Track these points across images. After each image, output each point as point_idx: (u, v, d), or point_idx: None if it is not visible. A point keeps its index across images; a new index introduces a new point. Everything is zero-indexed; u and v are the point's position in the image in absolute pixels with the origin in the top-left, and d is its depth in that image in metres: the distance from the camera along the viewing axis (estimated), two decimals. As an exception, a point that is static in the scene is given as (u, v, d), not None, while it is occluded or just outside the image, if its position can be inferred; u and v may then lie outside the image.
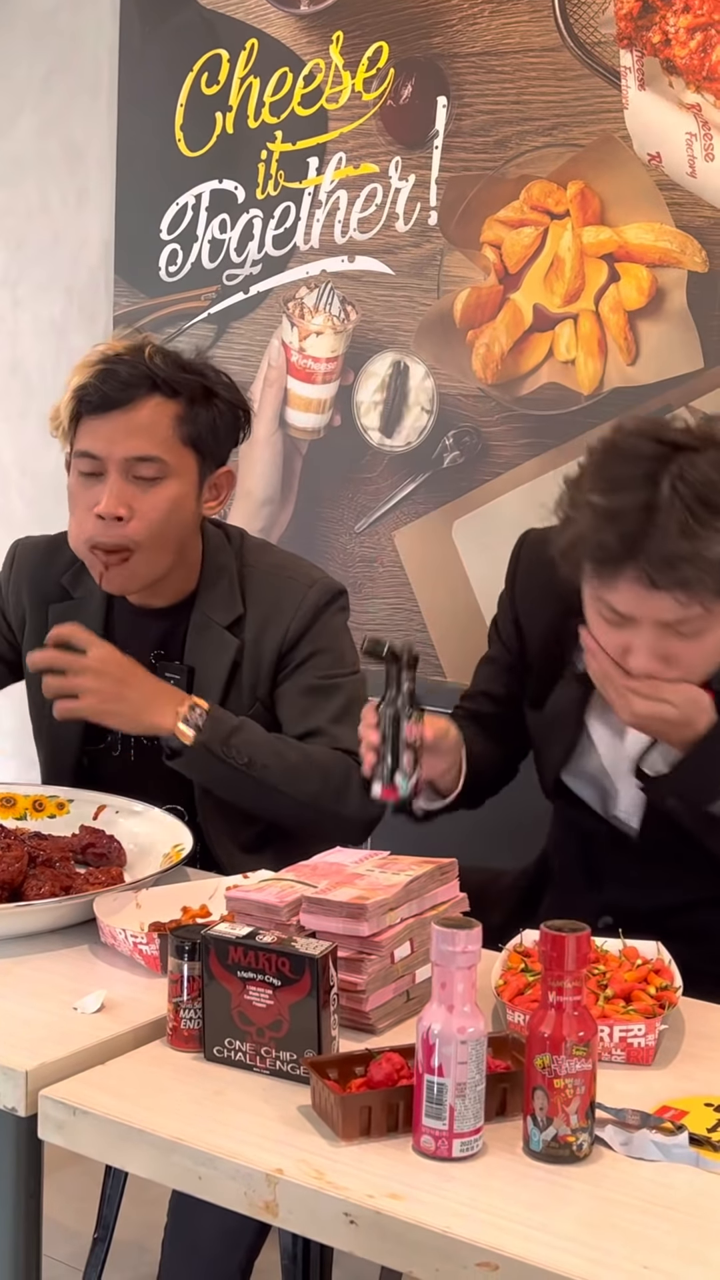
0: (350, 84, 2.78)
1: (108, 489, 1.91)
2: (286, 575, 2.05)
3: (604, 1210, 1.17)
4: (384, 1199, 1.17)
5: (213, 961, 1.39)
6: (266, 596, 2.02)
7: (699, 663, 1.65)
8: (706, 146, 2.40)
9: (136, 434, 1.91)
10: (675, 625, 1.62)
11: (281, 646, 2.01)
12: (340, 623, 2.07)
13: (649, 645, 1.63)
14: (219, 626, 2.01)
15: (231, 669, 2.00)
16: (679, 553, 1.55)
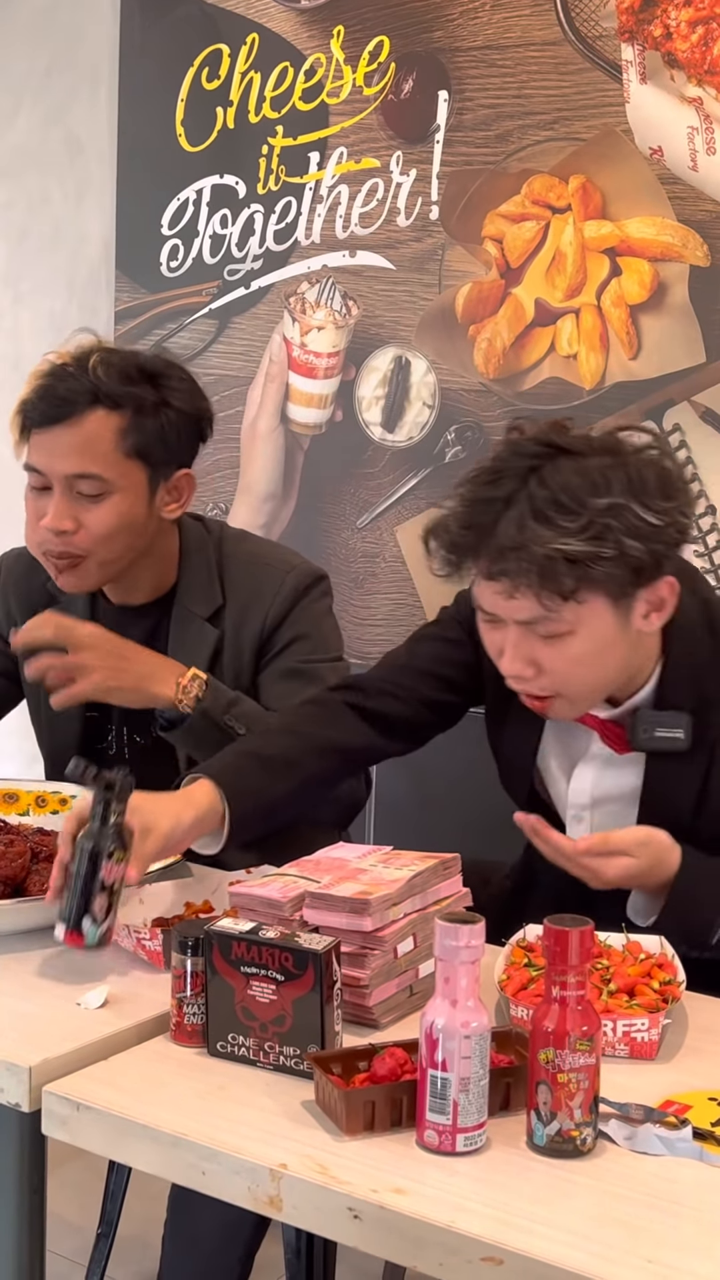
0: (351, 78, 2.77)
1: (53, 505, 1.91)
2: (264, 563, 2.06)
3: (608, 1204, 1.17)
4: (388, 1193, 1.17)
5: (216, 957, 1.39)
6: (245, 585, 2.03)
7: (564, 670, 1.61)
8: (708, 140, 2.40)
9: (76, 451, 1.89)
10: (534, 627, 1.59)
11: (261, 633, 2.01)
12: (323, 608, 2.07)
13: (514, 646, 1.61)
14: (200, 619, 2.02)
15: (212, 660, 2.00)
16: (508, 544, 1.53)
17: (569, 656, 1.60)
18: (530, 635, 1.60)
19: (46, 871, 1.67)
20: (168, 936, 1.53)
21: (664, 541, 1.57)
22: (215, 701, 1.89)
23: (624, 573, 1.56)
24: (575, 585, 1.54)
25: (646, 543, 1.55)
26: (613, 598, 1.58)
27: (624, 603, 1.59)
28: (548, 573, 1.53)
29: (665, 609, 1.63)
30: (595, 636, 1.59)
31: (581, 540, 1.52)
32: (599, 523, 1.53)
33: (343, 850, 1.63)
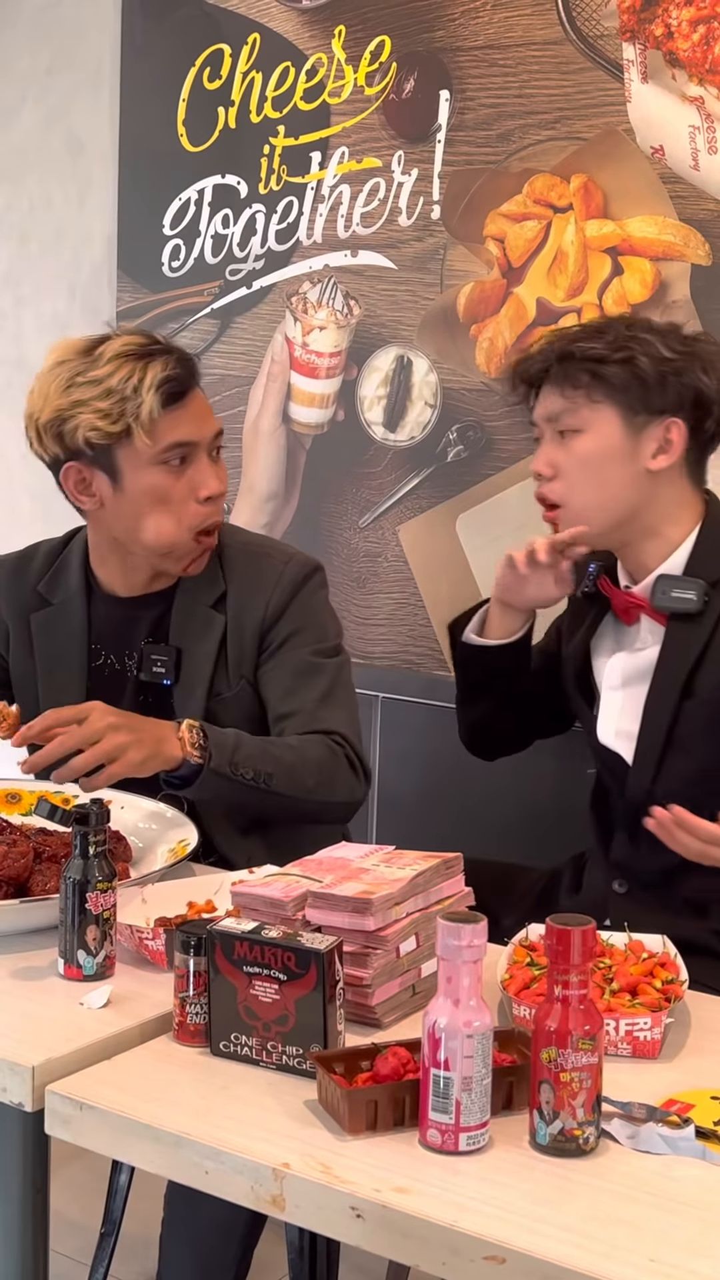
0: (352, 78, 2.77)
1: (209, 470, 1.98)
2: (263, 552, 2.09)
3: (610, 1203, 1.17)
4: (390, 1193, 1.18)
5: (218, 956, 1.39)
6: (245, 573, 2.05)
7: (573, 470, 1.88)
8: (709, 139, 2.40)
9: (210, 412, 2.02)
10: (557, 424, 1.88)
11: (263, 623, 2.02)
12: (321, 599, 2.09)
13: (543, 448, 1.92)
14: (204, 606, 2.03)
15: (219, 646, 2.01)
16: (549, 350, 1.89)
17: (579, 455, 1.87)
18: (555, 440, 1.90)
19: (49, 872, 1.68)
20: (170, 936, 1.53)
21: (674, 370, 1.85)
22: (220, 755, 1.86)
23: (631, 381, 1.84)
24: (588, 379, 1.85)
25: (656, 365, 1.84)
26: (622, 409, 1.85)
27: (634, 423, 1.86)
28: (567, 364, 1.86)
29: (673, 452, 1.87)
30: (602, 441, 1.86)
31: (599, 344, 1.85)
32: (622, 340, 1.86)
33: (345, 850, 1.63)
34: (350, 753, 1.99)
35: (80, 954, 1.53)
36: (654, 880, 1.83)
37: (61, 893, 1.53)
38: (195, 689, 2.02)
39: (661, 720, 1.87)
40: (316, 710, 1.99)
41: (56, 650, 2.09)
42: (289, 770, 1.91)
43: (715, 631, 1.85)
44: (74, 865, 1.53)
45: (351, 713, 2.05)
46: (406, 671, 2.80)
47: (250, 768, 1.88)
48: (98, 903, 1.52)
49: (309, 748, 1.95)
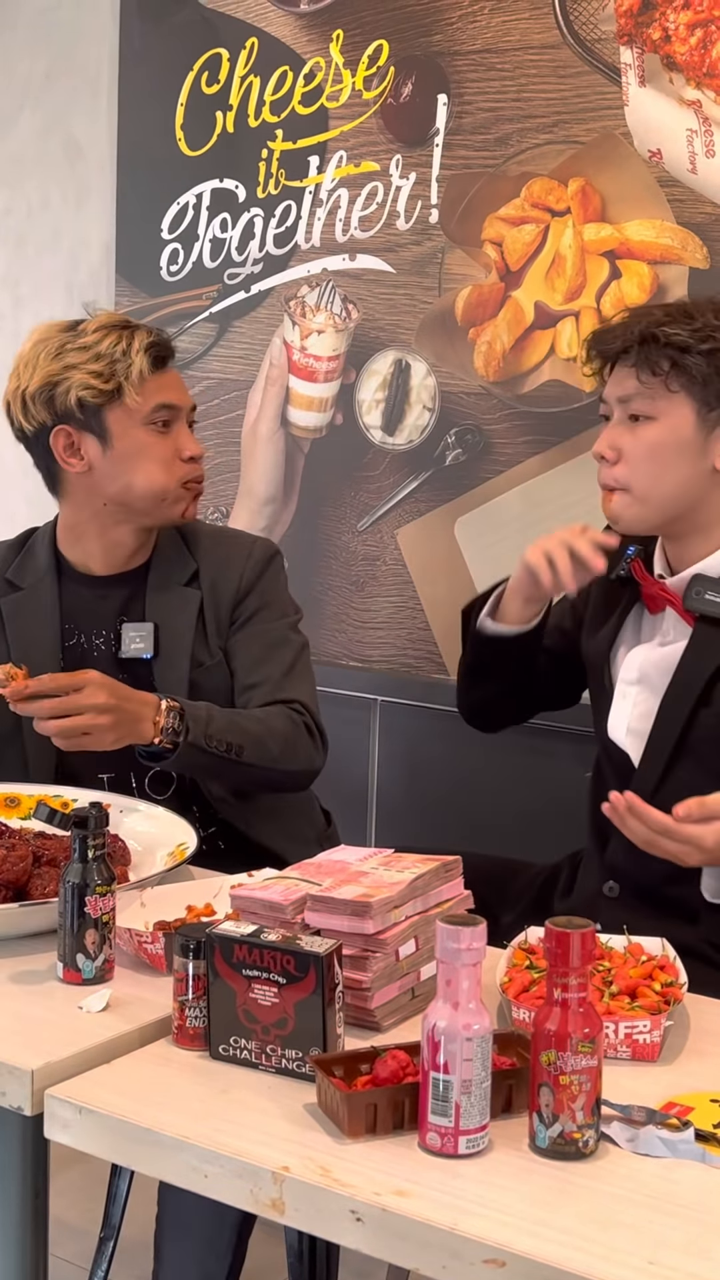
0: (350, 82, 2.78)
1: (188, 435, 2.11)
2: (228, 535, 2.24)
3: (610, 1206, 1.17)
4: (390, 1196, 1.18)
5: (218, 960, 1.39)
6: (215, 552, 2.17)
7: (639, 456, 1.82)
8: (707, 143, 2.40)
9: (186, 388, 2.14)
10: (628, 406, 1.82)
11: (236, 595, 2.14)
12: (283, 580, 2.22)
13: (610, 429, 1.85)
14: (177, 584, 2.14)
15: (198, 618, 2.12)
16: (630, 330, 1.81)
17: (647, 442, 1.81)
18: (623, 424, 1.83)
19: (49, 875, 1.68)
20: (169, 940, 1.53)
21: None
22: (196, 729, 1.95)
23: (712, 373, 1.78)
24: (669, 367, 1.79)
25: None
26: (698, 402, 1.80)
27: (708, 419, 1.80)
28: (647, 347, 1.79)
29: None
30: (673, 432, 1.81)
31: (685, 331, 1.79)
32: (708, 329, 1.79)
33: (344, 853, 1.63)
34: (310, 721, 2.09)
35: (79, 958, 1.53)
36: (647, 885, 1.81)
37: (60, 896, 1.53)
38: (177, 661, 2.10)
39: (674, 725, 1.83)
40: (281, 681, 2.10)
41: (29, 632, 2.15)
42: (256, 740, 2.01)
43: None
44: (73, 869, 1.53)
45: (311, 686, 2.17)
46: (405, 675, 2.80)
47: (222, 740, 1.97)
48: (97, 906, 1.52)
49: (273, 719, 2.06)
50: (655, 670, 1.88)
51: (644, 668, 1.89)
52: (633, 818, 1.60)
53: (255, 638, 2.13)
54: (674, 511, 1.84)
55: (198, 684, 2.10)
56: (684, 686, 1.83)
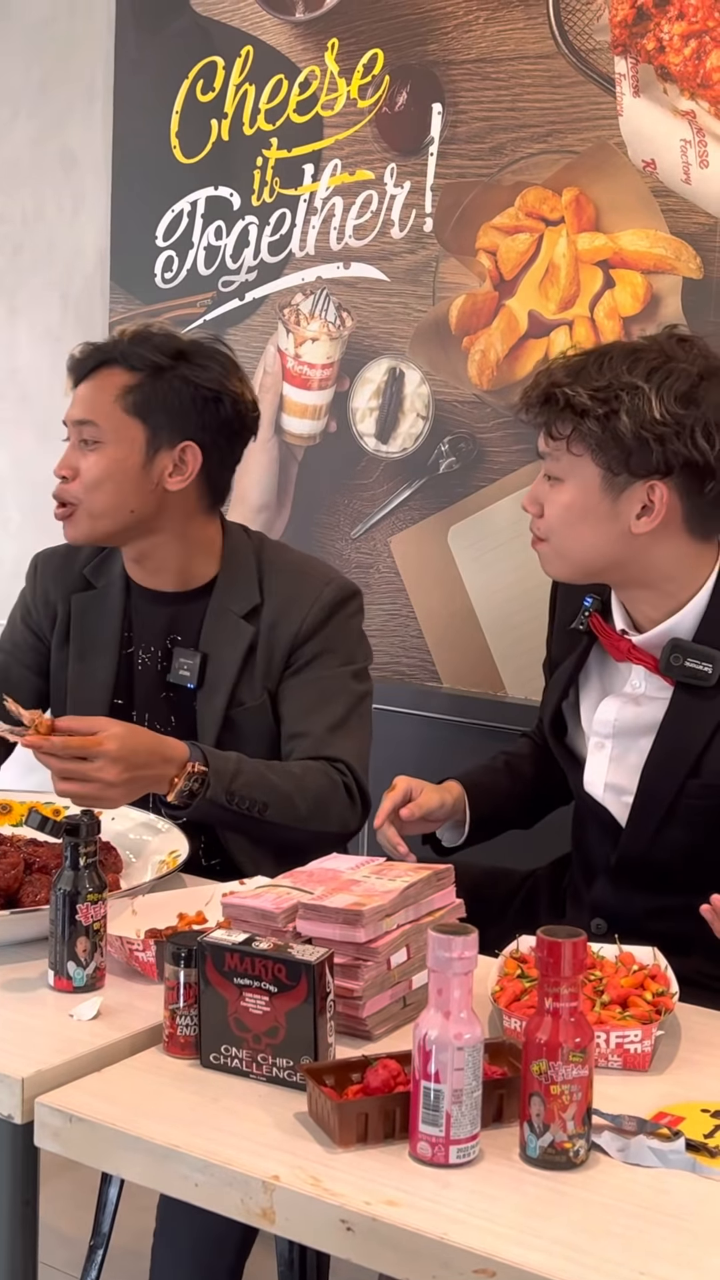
0: (345, 91, 2.78)
1: (67, 452, 2.08)
2: (304, 572, 2.13)
3: (600, 1216, 1.17)
4: (381, 1205, 1.17)
5: (209, 968, 1.39)
6: (284, 591, 2.08)
7: (553, 515, 1.78)
8: (701, 153, 2.41)
9: (83, 400, 2.07)
10: (545, 462, 1.79)
11: (295, 640, 2.06)
12: (354, 626, 2.12)
13: (535, 484, 1.82)
14: (235, 615, 2.07)
15: (245, 657, 2.05)
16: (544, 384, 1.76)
17: (558, 503, 1.78)
18: (544, 477, 1.80)
19: (40, 883, 1.68)
20: (161, 948, 1.53)
21: (657, 437, 1.70)
22: (218, 787, 1.89)
23: (609, 441, 1.71)
24: (569, 430, 1.74)
25: (639, 428, 1.70)
26: (601, 467, 1.73)
27: (614, 482, 1.74)
28: (551, 408, 1.75)
29: (656, 517, 1.74)
30: (580, 494, 1.76)
31: (587, 394, 1.72)
32: (612, 390, 1.71)
33: (336, 861, 1.63)
34: (351, 782, 2.02)
35: (70, 965, 1.53)
36: (633, 921, 1.78)
37: (52, 904, 1.53)
38: (217, 695, 2.06)
39: (663, 795, 1.79)
40: (327, 736, 2.03)
41: (92, 634, 2.14)
42: (284, 799, 1.95)
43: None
44: (64, 876, 1.53)
45: (361, 743, 2.08)
46: (398, 683, 2.80)
47: (246, 796, 1.92)
48: (88, 914, 1.52)
49: (309, 776, 1.99)
50: (631, 726, 1.84)
51: (620, 724, 1.85)
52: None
53: (309, 685, 2.05)
54: (595, 568, 1.80)
55: (234, 722, 2.05)
56: (670, 755, 1.78)
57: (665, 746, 1.79)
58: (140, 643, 2.12)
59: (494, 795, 2.00)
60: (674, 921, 1.72)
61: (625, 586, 1.84)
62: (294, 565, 2.14)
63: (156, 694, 2.10)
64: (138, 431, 2.03)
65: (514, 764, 2.08)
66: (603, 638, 1.88)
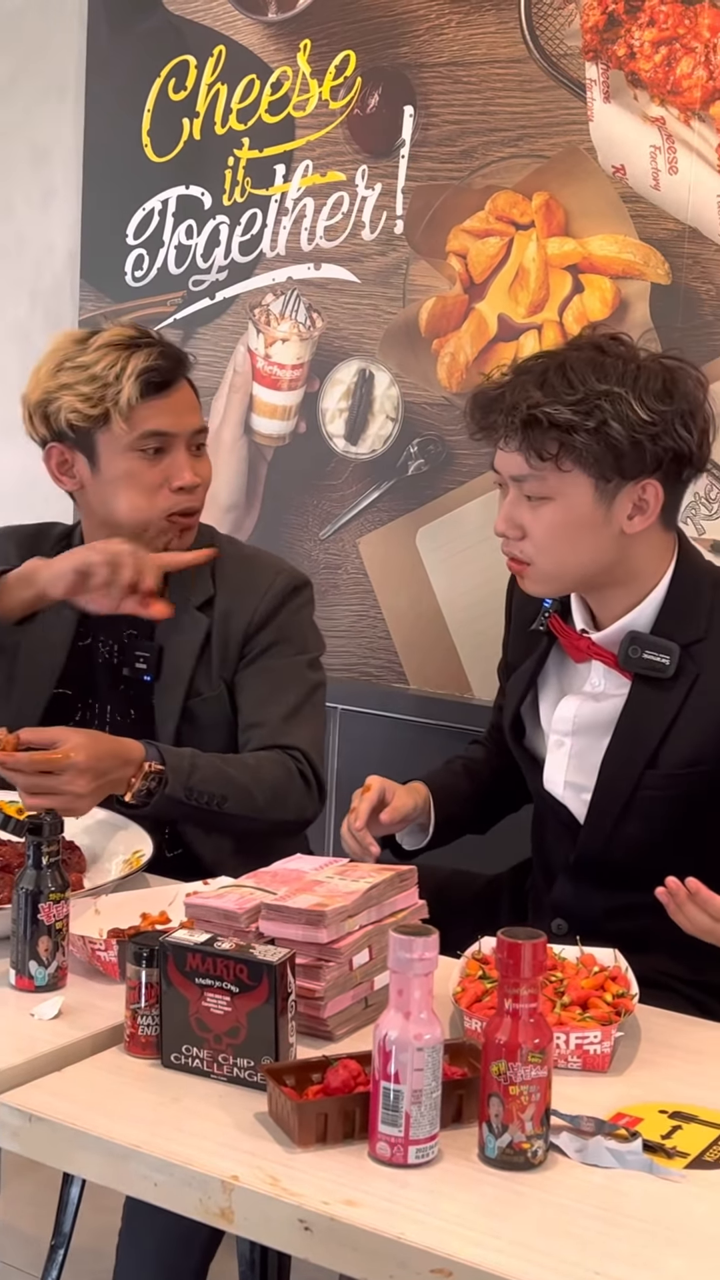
0: (317, 92, 2.78)
1: (186, 462, 2.04)
2: (257, 563, 2.15)
3: (558, 1217, 1.18)
4: (339, 1205, 1.18)
5: (171, 968, 1.39)
6: (236, 579, 2.10)
7: (541, 536, 1.76)
8: (670, 160, 2.42)
9: (194, 409, 2.08)
10: (523, 486, 1.76)
11: (248, 629, 2.07)
12: (306, 615, 2.14)
13: (508, 505, 1.78)
14: (191, 607, 2.08)
15: (201, 648, 2.06)
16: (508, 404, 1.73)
17: (546, 523, 1.76)
18: (521, 499, 1.77)
19: (3, 882, 1.67)
20: (123, 947, 1.53)
21: (649, 436, 1.71)
22: (176, 784, 1.90)
23: (603, 451, 1.71)
24: (557, 449, 1.71)
25: (631, 431, 1.70)
26: (594, 477, 1.73)
27: (606, 489, 1.74)
28: (532, 431, 1.71)
29: (649, 514, 1.76)
30: (572, 510, 1.74)
31: (569, 409, 1.70)
32: (591, 401, 1.70)
33: (299, 862, 1.63)
34: (307, 769, 2.03)
35: (32, 965, 1.53)
36: (593, 921, 1.79)
37: (14, 903, 1.53)
38: (175, 687, 2.07)
39: (621, 787, 1.80)
40: (282, 725, 2.04)
41: (48, 625, 2.12)
42: (241, 790, 1.96)
43: (686, 701, 1.76)
44: (27, 875, 1.53)
45: (316, 730, 2.09)
46: (365, 684, 2.81)
47: (204, 791, 1.93)
48: (50, 913, 1.52)
49: (265, 766, 2.00)
50: (590, 723, 1.84)
51: (579, 721, 1.85)
52: (692, 906, 1.57)
53: (263, 674, 2.07)
54: (589, 576, 1.81)
55: (193, 713, 2.06)
56: (628, 748, 1.80)
57: (624, 739, 1.81)
58: (99, 636, 2.12)
59: (455, 798, 2.01)
60: (634, 920, 1.73)
61: (600, 589, 1.84)
62: (245, 556, 2.16)
63: (114, 686, 2.11)
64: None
65: (471, 768, 2.08)
66: (562, 638, 1.89)
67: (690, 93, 2.39)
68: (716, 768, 1.77)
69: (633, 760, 1.79)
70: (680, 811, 1.79)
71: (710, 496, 2.43)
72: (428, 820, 1.97)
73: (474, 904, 2.04)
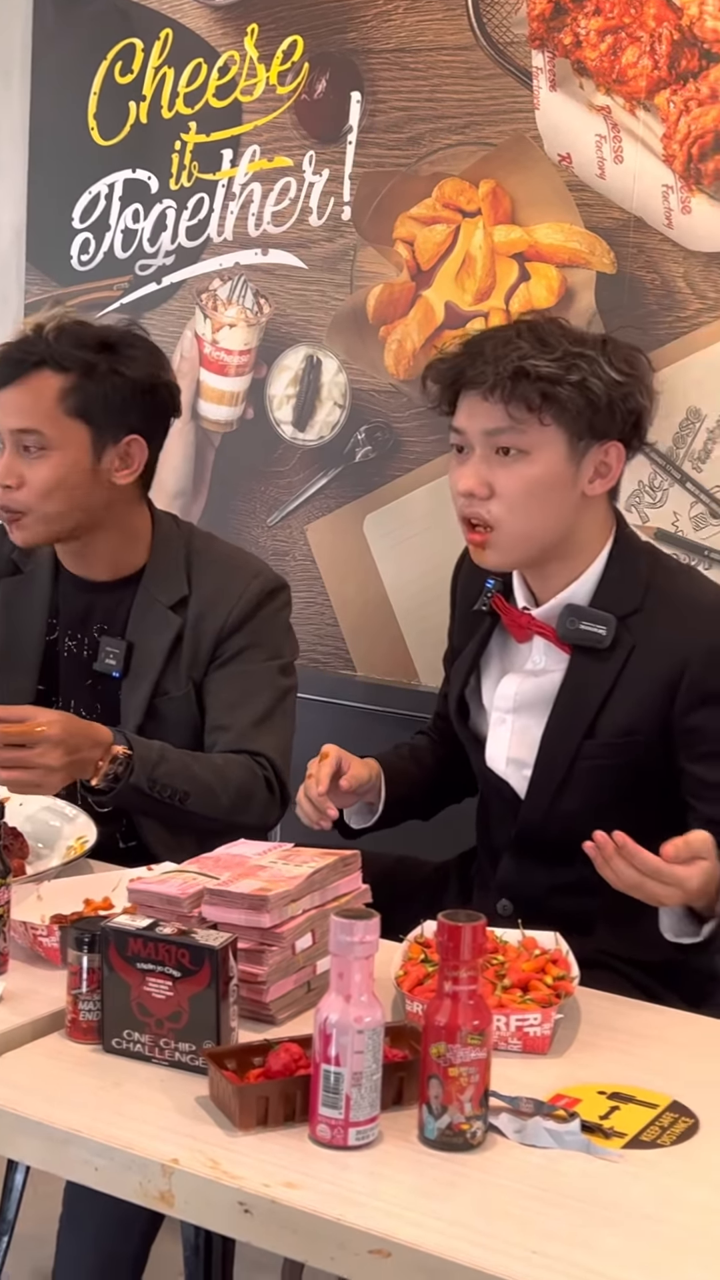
0: (265, 77, 2.77)
1: (3, 460, 2.02)
2: (232, 564, 2.13)
3: (496, 1197, 1.19)
4: (279, 1188, 1.18)
5: (112, 953, 1.39)
6: (212, 582, 2.09)
7: (513, 493, 1.77)
8: (615, 149, 2.43)
9: (20, 408, 2.00)
10: (497, 439, 1.77)
11: (221, 632, 2.06)
12: (282, 620, 2.14)
13: (477, 463, 1.79)
14: (163, 605, 2.07)
15: (172, 647, 2.05)
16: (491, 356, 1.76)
17: (520, 478, 1.78)
18: (492, 457, 1.78)
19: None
20: (65, 933, 1.52)
21: (622, 395, 1.79)
22: (141, 773, 1.90)
23: (584, 405, 1.76)
24: (540, 401, 1.75)
25: (606, 389, 1.77)
26: (569, 433, 1.77)
27: (578, 448, 1.79)
28: (519, 382, 1.75)
29: (610, 476, 1.82)
30: (547, 466, 1.78)
31: (552, 362, 1.76)
32: (571, 357, 1.77)
33: (243, 847, 1.64)
34: (272, 776, 2.04)
35: None
36: (538, 900, 1.82)
37: None
38: (141, 684, 2.06)
39: (560, 758, 1.83)
40: (251, 730, 2.04)
41: (17, 619, 2.12)
42: (205, 789, 1.97)
43: (622, 671, 1.80)
44: None
45: (284, 738, 2.10)
46: (313, 670, 2.81)
47: (168, 785, 1.93)
48: None
49: (231, 769, 2.01)
50: (531, 699, 1.87)
51: (520, 697, 1.88)
52: (620, 860, 1.58)
53: (234, 679, 2.06)
54: (550, 543, 1.82)
55: (159, 711, 2.05)
56: (567, 718, 1.82)
57: (563, 712, 1.83)
58: (66, 630, 2.11)
59: (404, 780, 2.02)
60: (577, 899, 1.75)
61: (547, 561, 1.86)
62: (222, 558, 2.14)
63: (81, 681, 2.10)
64: (82, 433, 2.00)
65: (417, 754, 2.10)
66: (505, 617, 1.91)
67: (635, 82, 2.40)
68: (652, 737, 1.80)
69: (571, 731, 1.82)
70: (618, 783, 1.81)
71: (655, 485, 2.45)
72: (376, 799, 1.97)
73: (421, 889, 2.05)
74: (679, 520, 2.44)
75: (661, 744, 1.79)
